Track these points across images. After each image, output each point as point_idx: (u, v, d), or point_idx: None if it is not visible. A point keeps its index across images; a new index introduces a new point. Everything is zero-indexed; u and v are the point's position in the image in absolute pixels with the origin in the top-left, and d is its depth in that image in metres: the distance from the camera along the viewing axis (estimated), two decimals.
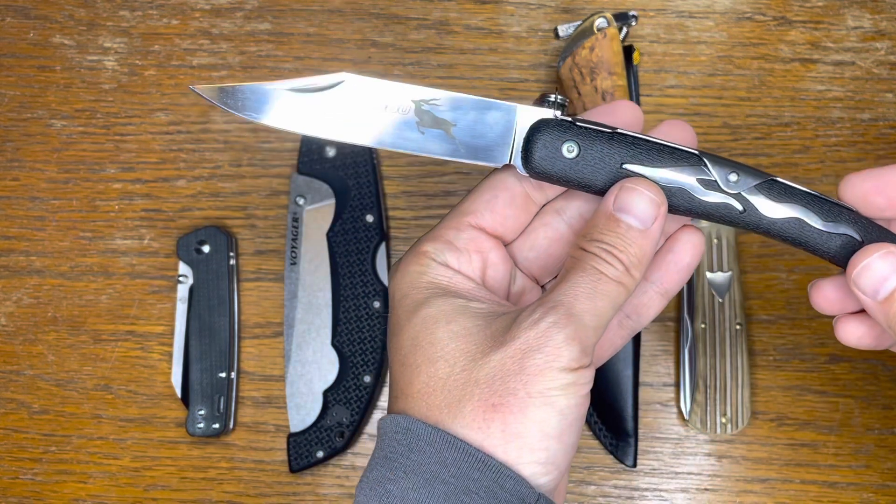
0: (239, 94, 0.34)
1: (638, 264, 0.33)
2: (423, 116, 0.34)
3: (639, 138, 0.34)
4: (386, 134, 0.34)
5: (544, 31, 0.56)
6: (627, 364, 0.52)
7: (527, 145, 0.34)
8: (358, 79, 0.34)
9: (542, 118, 0.34)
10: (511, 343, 0.31)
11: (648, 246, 0.33)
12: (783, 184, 0.33)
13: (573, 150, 0.33)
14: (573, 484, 0.53)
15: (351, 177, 0.54)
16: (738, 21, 0.55)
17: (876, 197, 0.33)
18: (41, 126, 0.57)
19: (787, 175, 0.54)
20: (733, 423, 0.52)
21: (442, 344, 0.32)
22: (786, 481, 0.53)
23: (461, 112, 0.34)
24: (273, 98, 0.34)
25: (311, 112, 0.34)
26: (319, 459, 0.53)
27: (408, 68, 0.56)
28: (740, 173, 0.33)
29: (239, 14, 0.57)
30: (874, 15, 0.55)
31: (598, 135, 0.33)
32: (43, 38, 0.57)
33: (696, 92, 0.55)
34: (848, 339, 0.35)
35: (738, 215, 0.33)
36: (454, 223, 0.37)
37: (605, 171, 0.34)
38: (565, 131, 0.33)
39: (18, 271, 0.56)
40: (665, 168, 0.33)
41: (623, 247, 0.33)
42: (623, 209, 0.33)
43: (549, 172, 0.34)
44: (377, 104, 0.34)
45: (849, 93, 0.55)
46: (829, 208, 0.33)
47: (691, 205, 0.33)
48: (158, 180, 0.56)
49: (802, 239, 0.34)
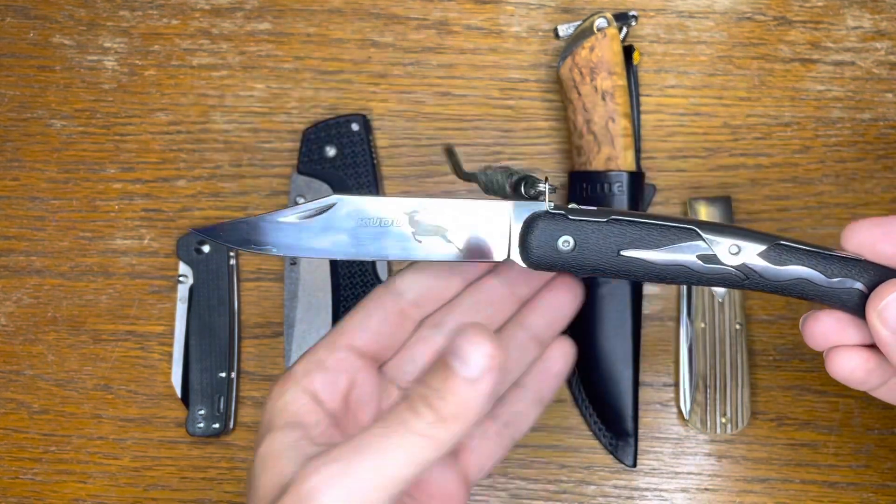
0: (236, 229, 0.35)
1: (457, 417, 0.31)
2: (417, 226, 0.35)
3: (634, 222, 0.33)
4: (385, 248, 0.35)
5: (544, 31, 0.56)
6: (627, 364, 0.52)
7: (523, 240, 0.34)
8: (349, 199, 0.35)
9: (534, 212, 0.34)
10: (283, 498, 0.30)
11: (474, 400, 0.31)
12: (787, 245, 0.32)
13: (569, 243, 0.34)
14: (573, 484, 0.53)
15: (351, 177, 0.54)
16: (738, 21, 0.55)
17: (884, 245, 0.33)
18: (41, 126, 0.57)
19: (788, 175, 0.54)
20: (733, 423, 0.52)
21: (261, 483, 0.32)
22: (786, 481, 0.53)
23: (454, 216, 0.35)
24: (270, 230, 0.35)
25: (310, 237, 0.35)
26: None
27: (408, 68, 0.56)
28: (741, 243, 0.32)
29: (239, 14, 0.57)
30: (874, 15, 0.55)
31: (592, 225, 0.33)
32: (43, 38, 0.57)
33: (696, 92, 0.55)
34: (841, 371, 0.34)
35: (739, 282, 0.33)
36: (329, 343, 0.37)
37: (604, 258, 0.34)
38: (559, 224, 0.34)
39: (18, 271, 0.56)
40: (662, 249, 0.33)
41: (444, 394, 0.31)
42: (455, 354, 0.31)
43: (548, 264, 0.34)
44: (372, 221, 0.35)
45: (849, 93, 0.55)
46: (834, 264, 0.33)
47: (691, 279, 0.33)
48: (158, 180, 0.56)
49: (808, 296, 0.33)
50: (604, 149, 0.50)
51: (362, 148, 0.54)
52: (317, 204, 0.35)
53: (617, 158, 0.50)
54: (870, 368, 0.34)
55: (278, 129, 0.56)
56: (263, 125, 0.56)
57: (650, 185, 0.53)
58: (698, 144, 0.55)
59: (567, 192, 0.53)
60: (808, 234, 0.54)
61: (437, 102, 0.56)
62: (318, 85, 0.56)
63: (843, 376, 0.34)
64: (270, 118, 0.56)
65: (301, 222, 0.35)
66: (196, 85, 0.56)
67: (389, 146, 0.56)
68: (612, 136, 0.50)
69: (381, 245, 0.35)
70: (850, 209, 0.54)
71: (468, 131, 0.55)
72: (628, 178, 0.50)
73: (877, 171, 0.54)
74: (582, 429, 0.54)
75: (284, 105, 0.56)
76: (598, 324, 0.52)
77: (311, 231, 0.35)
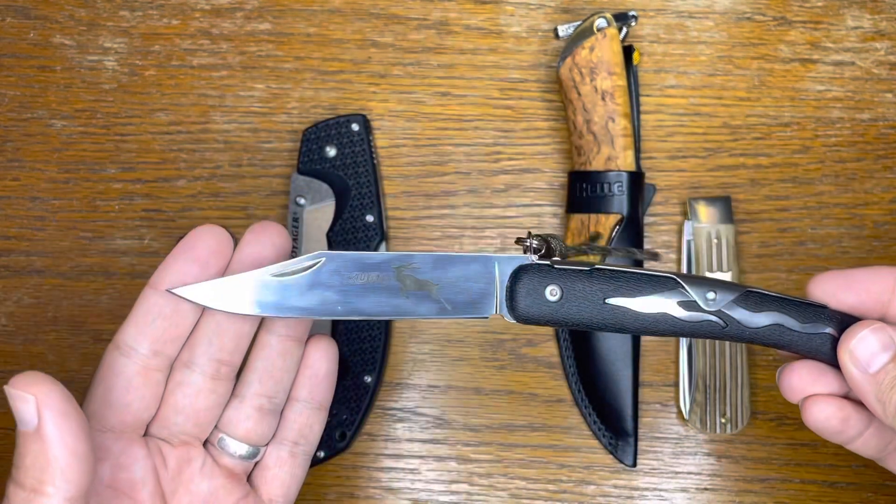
0: (220, 289, 0.34)
1: (45, 479, 0.28)
2: (404, 281, 0.34)
3: (616, 271, 0.34)
4: (372, 304, 0.34)
5: (544, 31, 0.56)
6: (627, 364, 0.52)
7: (510, 294, 0.35)
8: (334, 255, 0.34)
9: (520, 265, 0.35)
10: None
11: (49, 451, 0.29)
12: (759, 293, 0.34)
13: (556, 293, 0.34)
14: (573, 484, 0.53)
15: (351, 177, 0.54)
16: (737, 21, 0.55)
17: (846, 294, 0.34)
18: (41, 126, 0.57)
19: (788, 175, 0.54)
20: (733, 423, 0.52)
21: None
22: (786, 481, 0.53)
23: (441, 271, 0.35)
24: (255, 288, 0.34)
25: (295, 295, 0.34)
26: (319, 460, 0.53)
27: (408, 68, 0.56)
28: (717, 290, 0.34)
29: (239, 14, 0.57)
30: (874, 15, 0.55)
31: (578, 274, 0.34)
32: (43, 38, 0.57)
33: (695, 92, 0.55)
34: (816, 419, 0.35)
35: (720, 330, 0.34)
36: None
37: (589, 308, 0.34)
38: (546, 275, 0.34)
39: (18, 271, 0.56)
40: (645, 296, 0.34)
41: (20, 461, 0.29)
42: (16, 416, 0.29)
43: (535, 317, 0.34)
44: (359, 277, 0.34)
45: (848, 93, 0.55)
46: (805, 310, 0.34)
47: (675, 328, 0.34)
48: (158, 180, 0.56)
49: (784, 343, 0.35)
50: (604, 149, 0.50)
51: (362, 148, 0.54)
52: (303, 260, 0.34)
53: (617, 158, 0.50)
54: (844, 417, 0.35)
55: (278, 129, 0.56)
56: (263, 125, 0.56)
57: (650, 185, 0.54)
58: (698, 144, 0.55)
59: (567, 192, 0.53)
60: (809, 235, 0.54)
61: (437, 102, 0.56)
62: (318, 85, 0.56)
63: (819, 425, 0.35)
64: (270, 118, 0.56)
65: (286, 280, 0.34)
66: (196, 85, 0.56)
67: (389, 146, 0.56)
68: (611, 136, 0.50)
69: (367, 302, 0.34)
70: (850, 209, 0.54)
71: (468, 131, 0.55)
72: (628, 178, 0.50)
73: (876, 171, 0.54)
74: (582, 429, 0.54)
75: (284, 105, 0.56)
76: None
77: (298, 288, 0.34)
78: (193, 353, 0.36)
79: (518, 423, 0.54)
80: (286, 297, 0.34)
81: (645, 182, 0.52)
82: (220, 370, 0.37)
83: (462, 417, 0.54)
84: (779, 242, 0.54)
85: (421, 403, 0.54)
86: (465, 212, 0.55)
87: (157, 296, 0.35)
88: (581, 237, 0.52)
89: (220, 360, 0.37)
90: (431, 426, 0.54)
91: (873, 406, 0.33)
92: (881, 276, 0.35)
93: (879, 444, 0.36)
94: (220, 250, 0.36)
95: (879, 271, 0.35)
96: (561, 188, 0.55)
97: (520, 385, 0.54)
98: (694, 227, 0.53)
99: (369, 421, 0.54)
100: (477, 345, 0.54)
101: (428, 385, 0.54)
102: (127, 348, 0.35)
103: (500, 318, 0.35)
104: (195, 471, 0.37)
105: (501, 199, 0.55)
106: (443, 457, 0.54)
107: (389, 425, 0.54)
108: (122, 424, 0.35)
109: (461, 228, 0.55)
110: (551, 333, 0.54)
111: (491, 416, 0.54)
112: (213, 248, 0.35)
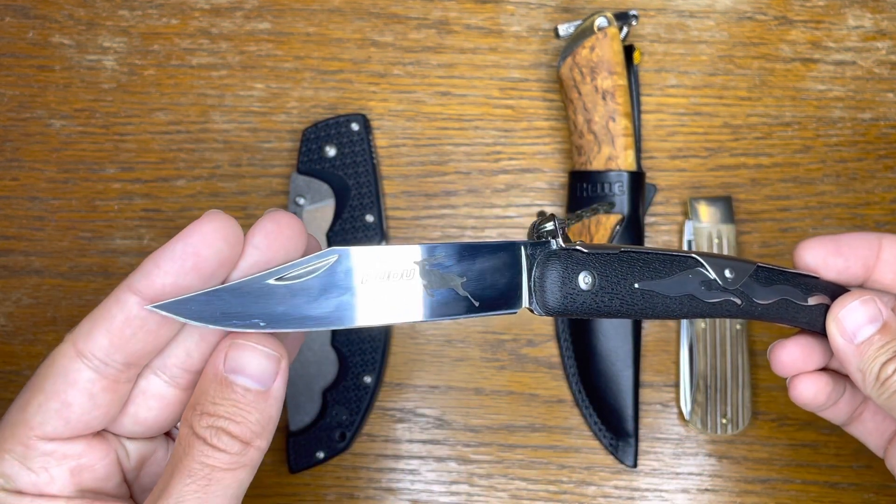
0: (211, 302, 0.28)
1: (262, 432, 0.28)
2: (429, 278, 0.30)
3: (641, 252, 0.32)
4: (395, 308, 0.29)
5: (544, 31, 0.56)
6: (627, 364, 0.51)
7: (539, 284, 0.31)
8: (350, 251, 0.29)
9: (548, 251, 0.31)
10: None
11: (271, 409, 0.28)
12: (766, 267, 0.34)
13: (588, 281, 0.31)
14: (573, 484, 0.53)
15: (351, 177, 0.54)
16: (738, 20, 0.55)
17: (835, 259, 0.36)
18: (40, 126, 0.57)
19: (789, 175, 0.54)
20: (734, 424, 0.52)
21: None
22: (787, 482, 0.52)
23: (466, 263, 0.30)
24: (255, 297, 0.28)
25: (305, 302, 0.28)
26: (320, 460, 0.53)
27: (408, 68, 0.56)
28: (733, 268, 0.34)
29: (239, 14, 0.57)
30: (875, 14, 0.55)
31: (608, 258, 0.31)
32: (42, 38, 0.57)
33: (696, 92, 0.55)
34: (803, 394, 0.37)
35: (737, 309, 0.34)
36: (20, 439, 0.29)
37: (621, 294, 0.32)
38: (577, 262, 0.31)
39: (18, 271, 0.56)
40: (672, 277, 0.32)
41: (241, 417, 0.28)
42: (235, 370, 0.28)
43: (568, 308, 0.31)
44: (377, 276, 0.29)
45: (850, 92, 0.55)
46: (806, 279, 0.35)
47: (698, 310, 0.33)
48: (158, 180, 0.56)
49: (791, 317, 0.35)
50: (604, 148, 0.50)
51: (362, 148, 0.54)
52: (313, 259, 0.29)
53: (617, 158, 0.50)
54: (829, 391, 0.37)
55: (278, 128, 0.56)
56: (263, 125, 0.56)
57: (651, 185, 0.53)
58: (699, 144, 0.55)
59: (567, 192, 0.53)
60: (810, 235, 0.54)
61: (437, 102, 0.56)
62: (318, 85, 0.56)
63: (808, 399, 0.37)
64: (270, 118, 0.56)
65: (295, 283, 0.28)
66: (195, 85, 0.56)
67: (389, 146, 0.55)
68: (612, 136, 0.50)
69: (389, 306, 0.29)
70: (851, 209, 0.54)
71: (468, 131, 0.55)
72: (629, 178, 0.50)
73: (878, 170, 0.54)
74: (582, 429, 0.53)
75: (284, 105, 0.56)
76: (599, 324, 0.51)
77: (309, 294, 0.28)
78: (166, 361, 0.30)
79: (518, 424, 0.54)
80: (296, 306, 0.28)
81: (646, 182, 0.52)
82: (192, 379, 0.31)
83: (462, 418, 0.54)
84: (780, 242, 0.54)
85: (421, 404, 0.54)
86: (466, 211, 0.55)
87: (140, 306, 0.28)
88: (581, 237, 0.52)
89: (193, 371, 0.31)
90: (431, 427, 0.54)
91: (854, 375, 0.34)
92: (868, 240, 0.36)
93: (849, 410, 0.38)
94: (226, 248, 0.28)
95: (866, 236, 0.36)
96: (561, 188, 0.55)
97: (520, 385, 0.54)
98: (695, 227, 0.53)
99: (369, 421, 0.54)
100: (477, 345, 0.54)
101: (428, 385, 0.54)
102: (97, 361, 0.29)
103: (500, 318, 0.34)
104: (159, 459, 0.33)
105: (501, 198, 0.55)
106: (443, 457, 0.54)
107: (389, 426, 0.54)
108: (76, 434, 0.30)
109: (461, 228, 0.55)
110: (551, 333, 0.54)
111: (491, 417, 0.54)
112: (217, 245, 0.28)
